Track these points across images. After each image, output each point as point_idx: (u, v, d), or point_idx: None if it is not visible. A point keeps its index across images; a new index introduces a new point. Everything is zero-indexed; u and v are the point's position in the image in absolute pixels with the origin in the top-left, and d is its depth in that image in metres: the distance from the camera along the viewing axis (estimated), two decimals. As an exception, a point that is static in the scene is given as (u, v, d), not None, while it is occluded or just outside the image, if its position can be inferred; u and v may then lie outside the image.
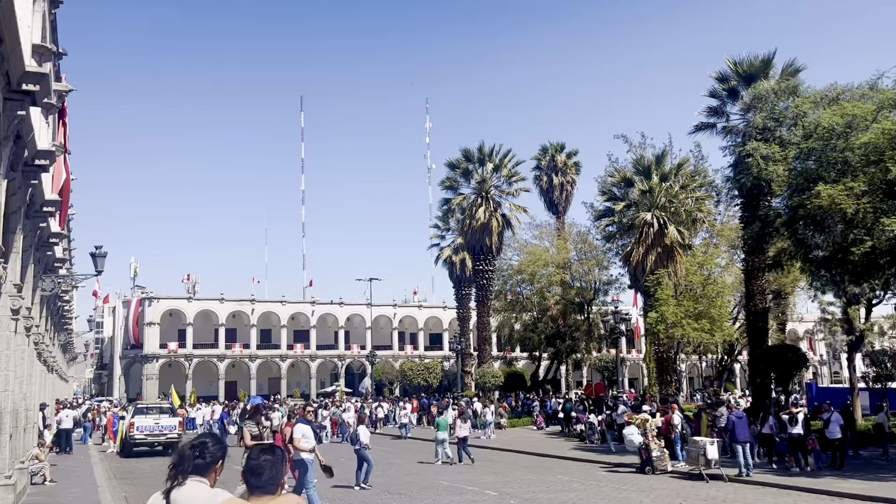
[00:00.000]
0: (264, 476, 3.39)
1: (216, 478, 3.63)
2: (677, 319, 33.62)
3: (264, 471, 3.40)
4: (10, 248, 12.34)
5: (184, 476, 3.46)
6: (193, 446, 3.56)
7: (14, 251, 12.44)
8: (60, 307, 29.37)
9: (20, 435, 14.89)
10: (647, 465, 19.23)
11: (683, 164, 38.65)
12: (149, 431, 25.62)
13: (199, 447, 3.53)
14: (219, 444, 3.62)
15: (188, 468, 3.47)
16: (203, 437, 3.67)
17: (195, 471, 3.49)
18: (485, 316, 47.49)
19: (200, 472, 3.51)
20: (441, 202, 50.32)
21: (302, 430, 12.20)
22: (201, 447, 3.53)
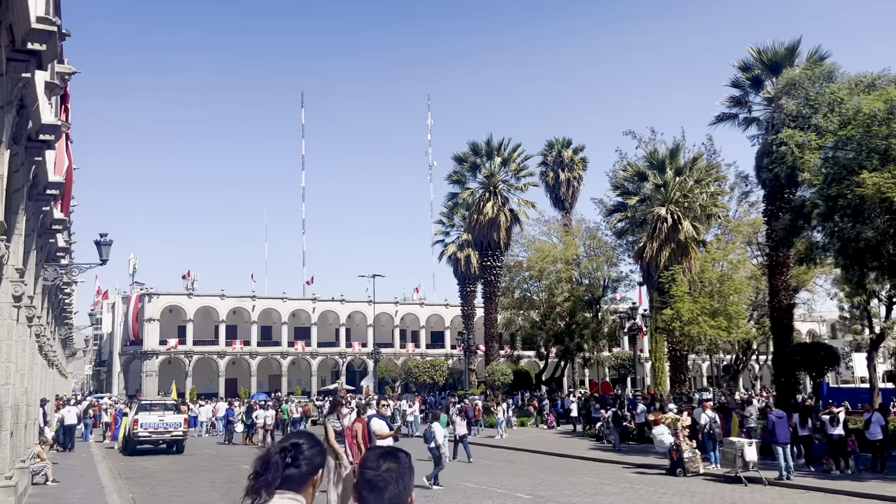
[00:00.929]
0: (388, 492, 2.35)
1: (314, 494, 2.58)
2: (693, 317, 32.78)
3: (388, 485, 2.34)
4: (13, 229, 11.41)
5: (269, 491, 2.42)
6: (283, 450, 2.47)
7: (17, 233, 11.52)
8: (62, 300, 28.41)
9: (21, 432, 13.96)
10: (678, 466, 18.34)
11: (698, 158, 37.83)
12: (153, 429, 24.67)
13: (292, 450, 2.42)
14: (317, 448, 2.54)
15: (275, 479, 2.42)
16: (295, 436, 2.58)
17: (285, 483, 2.43)
18: (492, 313, 46.54)
19: (293, 485, 2.43)
20: (447, 196, 49.43)
21: (379, 425, 11.15)
22: (294, 451, 2.42)
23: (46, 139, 11.55)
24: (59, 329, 32.78)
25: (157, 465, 21.56)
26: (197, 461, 22.42)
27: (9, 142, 9.77)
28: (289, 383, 75.31)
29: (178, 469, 20.19)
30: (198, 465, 21.08)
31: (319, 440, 2.55)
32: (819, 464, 18.53)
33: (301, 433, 2.58)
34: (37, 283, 16.94)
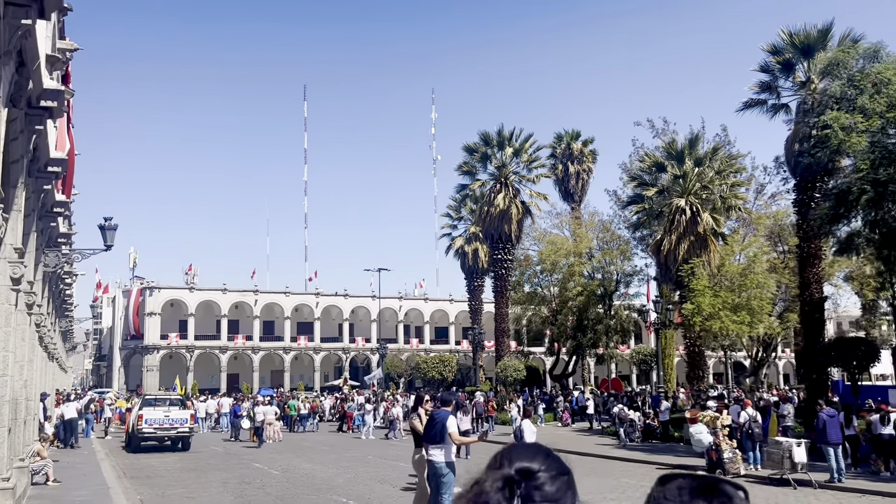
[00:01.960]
0: None
1: None
2: (714, 311, 31.75)
3: None
4: (11, 204, 10.33)
5: None
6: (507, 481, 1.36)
7: (15, 208, 10.44)
8: (62, 290, 27.32)
9: (20, 428, 12.90)
10: (718, 467, 17.26)
11: (719, 148, 36.79)
12: (158, 425, 23.57)
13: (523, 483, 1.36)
14: (561, 474, 1.42)
15: None
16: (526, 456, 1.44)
17: None
18: (503, 307, 45.49)
19: None
20: (457, 188, 48.37)
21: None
22: (527, 484, 1.37)
23: (48, 105, 10.50)
24: (60, 321, 31.70)
25: (163, 463, 20.49)
26: (205, 459, 21.36)
27: (6, 99, 8.95)
28: (291, 379, 74.25)
29: (185, 468, 19.12)
30: (206, 464, 20.02)
31: (563, 462, 1.42)
32: (865, 465, 17.49)
33: (532, 449, 1.42)
34: (37, 269, 15.85)
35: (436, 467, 9.52)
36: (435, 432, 9.66)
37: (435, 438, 9.66)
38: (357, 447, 25.78)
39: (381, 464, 19.88)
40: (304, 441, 28.79)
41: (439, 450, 9.55)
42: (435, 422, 9.74)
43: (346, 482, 15.87)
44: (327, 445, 26.66)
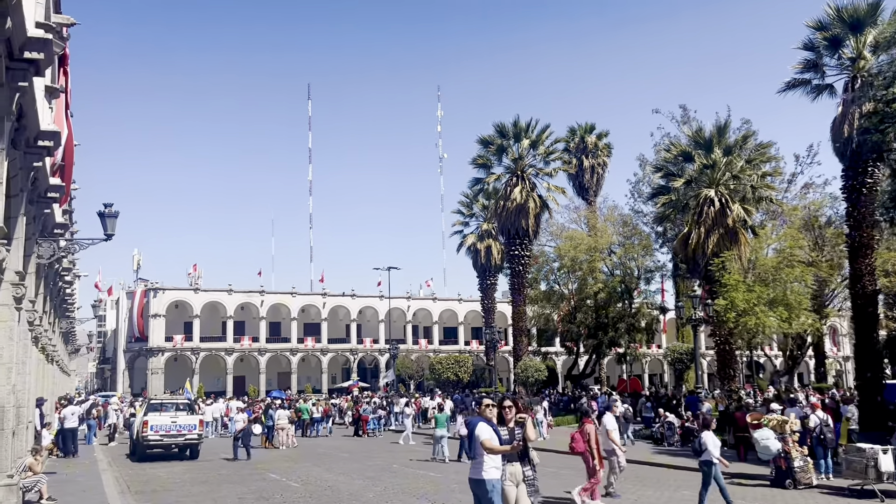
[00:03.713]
0: None
1: None
2: (749, 306, 30.04)
3: None
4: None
5: None
6: None
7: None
8: (62, 288, 25.66)
9: (7, 440, 11.21)
10: (787, 477, 15.53)
11: (749, 136, 35.13)
12: (165, 431, 21.87)
13: None
14: None
15: None
16: None
17: None
18: (520, 305, 43.71)
19: None
20: (471, 182, 46.56)
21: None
22: None
23: (34, 58, 8.99)
24: (60, 322, 30.04)
25: (170, 473, 18.80)
26: (215, 469, 19.65)
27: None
28: (299, 381, 72.74)
29: (195, 479, 17.42)
30: (218, 475, 18.31)
31: None
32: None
33: None
34: (29, 261, 14.19)
35: (474, 488, 7.68)
36: (471, 443, 7.88)
37: (472, 450, 7.90)
38: (379, 454, 24.07)
39: (409, 473, 18.17)
40: (318, 447, 27.08)
41: (476, 466, 7.70)
42: (469, 430, 7.97)
43: (377, 497, 14.14)
44: (345, 452, 24.94)
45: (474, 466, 7.62)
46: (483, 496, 7.45)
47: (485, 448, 7.45)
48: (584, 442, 12.49)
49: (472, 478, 7.61)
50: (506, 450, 7.64)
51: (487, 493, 7.41)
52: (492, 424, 7.69)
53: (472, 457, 7.72)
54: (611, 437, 13.51)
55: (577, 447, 12.71)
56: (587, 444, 12.47)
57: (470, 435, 7.67)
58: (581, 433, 12.71)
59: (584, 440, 12.55)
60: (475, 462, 7.63)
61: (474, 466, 7.62)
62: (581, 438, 12.62)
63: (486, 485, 7.44)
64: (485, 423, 7.64)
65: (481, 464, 7.52)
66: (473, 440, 7.58)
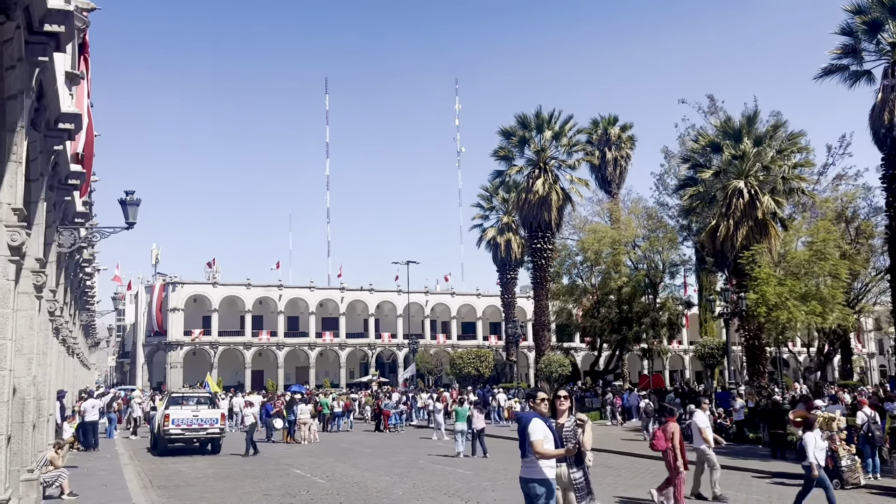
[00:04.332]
0: None
1: None
2: (781, 301, 29.23)
3: None
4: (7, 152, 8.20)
5: None
6: None
7: (13, 159, 8.31)
8: (82, 280, 25.40)
9: (27, 433, 10.80)
10: (834, 476, 14.80)
11: (780, 125, 34.22)
12: (186, 425, 21.51)
13: None
14: None
15: None
16: None
17: None
18: (542, 300, 43.10)
19: None
20: (492, 174, 45.95)
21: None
22: None
23: (54, 31, 8.53)
24: (81, 314, 29.85)
25: (192, 468, 18.43)
26: (238, 464, 19.25)
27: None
28: (317, 375, 72.62)
29: (218, 475, 17.01)
30: (241, 470, 17.90)
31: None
32: None
33: None
34: (49, 249, 13.80)
35: (524, 488, 7.05)
36: (521, 441, 7.18)
37: (521, 449, 7.19)
38: (402, 449, 23.59)
39: (437, 470, 17.65)
40: (340, 442, 26.65)
41: (528, 465, 7.05)
42: (519, 428, 7.26)
43: (407, 495, 13.63)
44: (368, 447, 24.48)
45: (527, 465, 7.03)
46: (536, 498, 6.87)
47: (536, 452, 6.84)
48: (667, 440, 11.81)
49: (524, 477, 7.02)
50: (560, 453, 7.03)
51: (540, 495, 6.83)
52: (546, 421, 7.09)
53: (523, 455, 7.10)
54: (704, 435, 13.05)
55: (658, 445, 12.09)
56: (670, 442, 11.75)
57: (522, 432, 7.06)
58: (664, 431, 12.06)
59: (666, 438, 11.86)
60: (527, 460, 7.04)
61: (527, 465, 7.03)
62: (664, 436, 11.97)
63: (540, 486, 6.87)
64: (539, 419, 7.02)
65: (534, 463, 6.94)
66: (526, 438, 6.98)
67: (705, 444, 13.10)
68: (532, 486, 6.89)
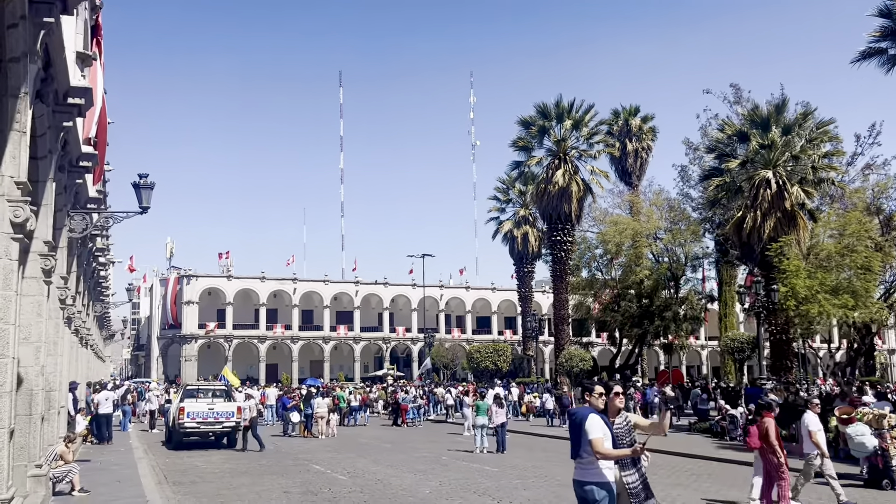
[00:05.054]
0: None
1: None
2: (811, 294, 28.28)
3: None
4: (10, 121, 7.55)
5: None
6: None
7: (16, 128, 7.65)
8: (96, 270, 24.89)
9: (36, 426, 10.20)
10: (885, 476, 14.00)
11: (809, 113, 33.18)
12: (202, 419, 20.94)
13: None
14: None
15: None
16: None
17: None
18: (562, 293, 42.26)
19: None
20: (511, 165, 45.05)
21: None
22: None
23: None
24: (95, 305, 29.38)
25: (208, 463, 17.85)
26: (255, 459, 18.65)
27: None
28: (331, 369, 72.25)
29: (235, 470, 16.40)
30: (258, 465, 17.28)
31: None
32: None
33: None
34: (59, 234, 13.20)
35: (580, 492, 6.29)
36: (574, 440, 6.41)
37: (574, 448, 6.40)
38: (423, 444, 22.94)
39: (462, 467, 16.94)
40: (359, 437, 26.04)
41: (585, 467, 6.28)
42: (572, 425, 6.46)
43: (435, 494, 12.92)
44: (387, 442, 23.84)
45: (583, 467, 6.26)
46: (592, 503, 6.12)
47: (596, 451, 6.08)
48: (762, 437, 10.88)
49: (580, 480, 6.24)
50: (625, 454, 6.27)
51: (600, 501, 6.08)
52: (604, 419, 6.33)
53: (576, 454, 6.32)
54: (815, 439, 11.70)
55: (752, 443, 11.25)
56: (765, 440, 10.79)
57: (576, 429, 6.30)
58: (759, 427, 11.05)
59: (760, 435, 10.94)
60: (582, 461, 6.28)
61: (583, 467, 6.26)
62: (758, 433, 11.05)
63: (600, 490, 6.12)
64: (597, 416, 6.26)
65: (592, 464, 6.19)
66: (582, 436, 6.21)
67: (816, 450, 11.81)
68: (590, 489, 6.14)
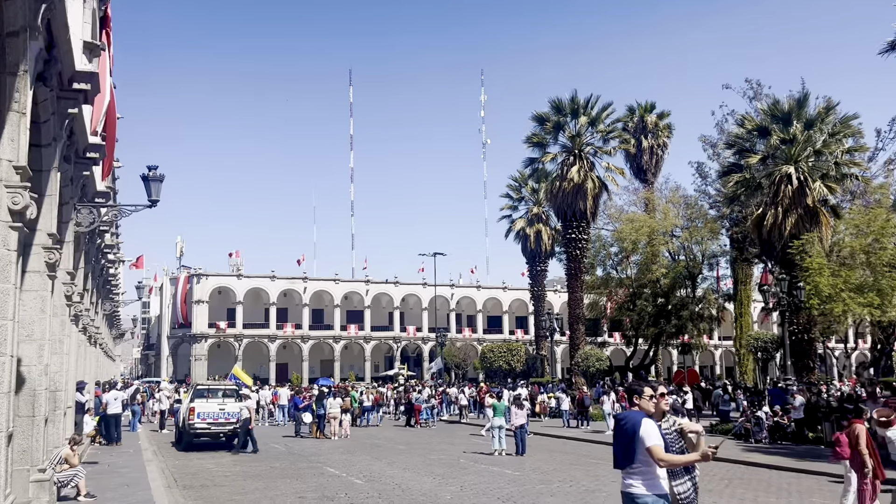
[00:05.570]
0: None
1: None
2: (835, 292, 27.53)
3: None
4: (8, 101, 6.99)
5: None
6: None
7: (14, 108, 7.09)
8: (105, 267, 24.43)
9: (39, 428, 9.66)
10: (931, 482, 13.27)
11: (832, 108, 32.41)
12: (212, 419, 20.43)
13: None
14: None
15: None
16: None
17: None
18: (577, 291, 41.53)
19: None
20: (524, 162, 44.29)
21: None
22: None
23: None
24: (104, 303, 28.94)
25: (218, 465, 17.31)
26: (268, 461, 18.09)
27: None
28: (341, 369, 71.77)
29: (247, 473, 15.84)
30: (271, 468, 16.73)
31: None
32: None
33: None
34: (66, 228, 12.67)
35: None
36: (623, 448, 5.76)
37: (623, 457, 5.75)
38: (439, 446, 22.34)
39: (481, 470, 16.32)
40: (372, 437, 25.46)
41: (639, 477, 5.64)
42: (621, 431, 5.82)
43: (456, 500, 12.31)
44: (402, 443, 23.25)
45: (636, 477, 5.61)
46: None
47: (658, 460, 5.44)
48: (852, 446, 10.10)
49: (631, 493, 5.60)
50: (694, 459, 5.64)
51: None
52: (657, 423, 5.71)
53: (625, 464, 5.67)
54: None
55: (843, 453, 10.42)
56: (856, 448, 9.99)
57: (627, 435, 5.65)
58: (849, 434, 10.19)
59: (851, 444, 10.14)
60: (632, 470, 5.63)
61: (636, 477, 5.61)
62: (848, 441, 10.25)
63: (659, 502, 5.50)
64: (651, 421, 5.62)
65: (648, 474, 5.56)
66: (636, 443, 5.56)
67: None
68: (645, 502, 5.51)
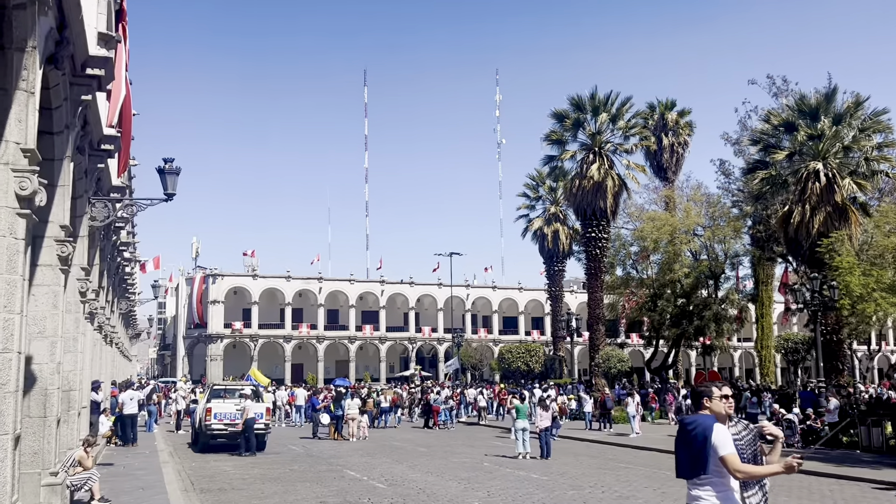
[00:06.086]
0: None
1: None
2: (867, 292, 26.72)
3: None
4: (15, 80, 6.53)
5: None
6: None
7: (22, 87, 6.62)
8: (121, 265, 24.10)
9: (51, 429, 9.21)
10: None
11: (861, 102, 31.59)
12: (229, 420, 19.99)
13: None
14: None
15: None
16: None
17: None
18: (597, 291, 40.84)
19: None
20: (543, 160, 43.62)
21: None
22: None
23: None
24: (120, 302, 28.65)
25: (236, 467, 16.85)
26: (286, 464, 17.62)
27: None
28: (357, 369, 71.39)
29: (265, 476, 15.37)
30: (290, 471, 16.25)
31: None
32: None
33: None
34: (80, 222, 12.24)
35: None
36: (691, 456, 5.10)
37: (691, 466, 5.11)
38: (460, 449, 21.78)
39: (507, 474, 15.74)
40: (391, 439, 24.95)
41: (703, 488, 5.01)
42: (689, 436, 5.15)
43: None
44: (422, 445, 22.72)
45: (699, 488, 4.98)
46: None
47: (732, 469, 4.80)
48: None
49: None
50: (775, 472, 5.01)
51: None
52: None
53: (693, 474, 5.05)
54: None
55: None
56: None
57: (697, 442, 5.05)
58: None
59: None
60: (700, 481, 5.01)
61: (699, 488, 4.98)
62: None
63: None
64: (723, 427, 5.01)
65: (722, 485, 4.95)
66: (708, 451, 4.95)
67: None
68: None
